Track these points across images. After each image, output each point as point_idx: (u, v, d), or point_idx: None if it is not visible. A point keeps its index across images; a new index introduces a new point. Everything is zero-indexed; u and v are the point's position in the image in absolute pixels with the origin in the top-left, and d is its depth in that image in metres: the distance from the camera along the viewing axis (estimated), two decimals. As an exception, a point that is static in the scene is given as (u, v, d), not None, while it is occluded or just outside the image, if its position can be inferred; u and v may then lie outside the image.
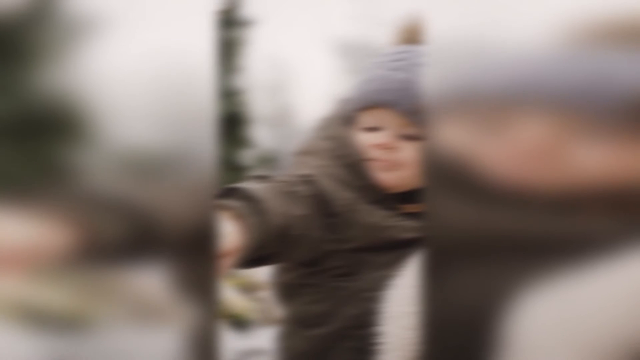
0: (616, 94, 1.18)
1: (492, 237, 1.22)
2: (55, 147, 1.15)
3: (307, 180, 1.71)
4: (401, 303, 1.57)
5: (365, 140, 1.73)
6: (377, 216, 1.73)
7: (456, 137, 1.28)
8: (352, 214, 1.72)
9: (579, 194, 1.19)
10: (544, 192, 1.20)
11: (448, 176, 1.26)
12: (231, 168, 9.89)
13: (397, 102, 1.71)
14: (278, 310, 1.75)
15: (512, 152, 1.23)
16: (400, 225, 1.74)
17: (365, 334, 1.65)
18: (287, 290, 1.78)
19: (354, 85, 1.79)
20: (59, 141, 1.15)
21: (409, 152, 1.72)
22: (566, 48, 1.20)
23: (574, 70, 1.22)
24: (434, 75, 1.27)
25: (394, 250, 1.71)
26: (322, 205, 1.70)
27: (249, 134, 10.77)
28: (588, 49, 1.21)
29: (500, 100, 1.27)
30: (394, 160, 1.72)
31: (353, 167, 1.75)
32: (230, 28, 10.22)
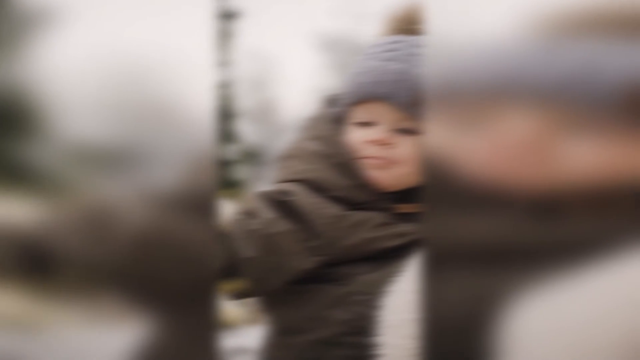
0: (603, 87, 1.16)
1: (482, 241, 1.20)
2: (7, 142, 1.12)
3: (289, 191, 1.66)
4: (400, 310, 1.52)
5: (358, 137, 1.68)
6: (370, 218, 1.68)
7: (442, 134, 1.25)
8: (340, 220, 1.67)
9: (566, 191, 1.17)
10: (530, 191, 1.18)
11: (446, 179, 1.23)
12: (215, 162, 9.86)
13: (392, 94, 1.66)
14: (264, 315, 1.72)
15: (496, 148, 1.21)
16: (394, 227, 1.69)
17: (358, 342, 1.60)
18: (271, 297, 1.73)
19: (346, 79, 1.74)
20: (11, 135, 1.12)
21: (405, 148, 1.66)
22: (550, 39, 1.17)
23: (559, 62, 1.19)
24: (429, 69, 1.24)
25: (388, 254, 1.66)
26: (305, 216, 1.65)
27: (233, 128, 10.75)
28: (573, 40, 1.18)
29: (483, 94, 1.25)
30: (390, 157, 1.66)
31: (343, 166, 1.70)
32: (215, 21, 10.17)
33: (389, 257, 1.64)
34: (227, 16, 10.57)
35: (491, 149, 1.20)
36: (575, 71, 1.18)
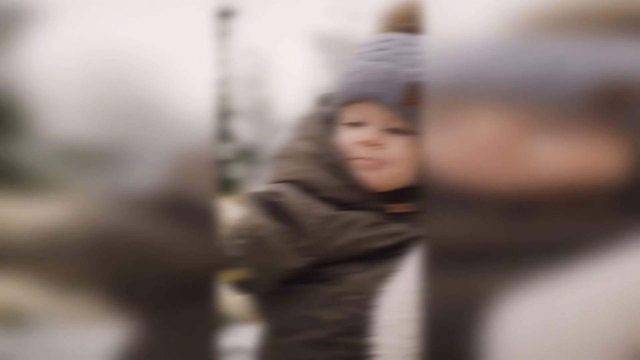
0: (570, 85, 1.15)
1: (463, 242, 1.19)
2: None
3: (279, 192, 1.65)
4: (395, 310, 1.50)
5: (349, 138, 1.67)
6: (361, 219, 1.67)
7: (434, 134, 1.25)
8: (331, 220, 1.67)
9: (538, 191, 1.16)
10: (503, 191, 1.17)
11: (433, 179, 1.22)
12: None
13: (381, 94, 1.66)
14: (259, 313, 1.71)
15: (468, 149, 1.20)
16: (386, 227, 1.68)
17: (352, 342, 1.59)
18: (263, 297, 1.72)
19: (336, 79, 1.73)
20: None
21: (396, 149, 1.66)
22: (516, 38, 1.16)
23: (526, 61, 1.18)
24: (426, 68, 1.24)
25: (380, 253, 1.66)
26: (295, 217, 1.64)
27: (229, 127, 10.74)
28: (539, 39, 1.17)
29: (451, 94, 1.24)
30: (380, 158, 1.66)
31: (334, 167, 1.69)
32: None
33: (381, 256, 1.64)
34: (223, 15, 10.56)
35: (464, 149, 1.20)
36: (542, 70, 1.17)
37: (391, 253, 1.62)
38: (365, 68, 1.69)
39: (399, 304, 1.50)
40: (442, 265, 1.18)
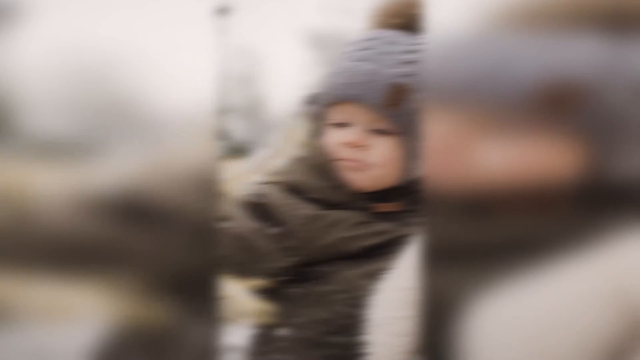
0: (519, 86, 1.14)
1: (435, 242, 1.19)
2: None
3: (264, 193, 1.65)
4: (388, 308, 1.50)
5: (335, 138, 1.67)
6: (346, 218, 1.67)
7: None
8: (315, 220, 1.66)
9: (494, 190, 1.16)
10: (462, 191, 1.17)
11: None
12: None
13: (364, 95, 1.65)
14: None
15: (428, 150, 1.19)
16: (372, 226, 1.68)
17: (342, 341, 1.59)
18: (257, 297, 1.72)
19: (321, 80, 1.73)
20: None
21: (380, 150, 1.66)
22: (468, 36, 1.16)
23: (477, 61, 1.18)
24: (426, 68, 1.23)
25: (367, 252, 1.65)
26: (280, 217, 1.64)
27: (221, 124, 10.73)
28: (488, 38, 1.16)
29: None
30: (365, 160, 1.66)
31: (320, 168, 1.69)
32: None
33: (368, 255, 1.64)
34: (217, 12, 10.55)
35: (426, 150, 1.20)
36: (490, 70, 1.16)
37: (378, 252, 1.62)
38: (349, 69, 1.68)
39: (390, 301, 1.50)
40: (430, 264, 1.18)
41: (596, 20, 1.13)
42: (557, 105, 1.14)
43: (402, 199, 1.65)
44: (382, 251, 1.62)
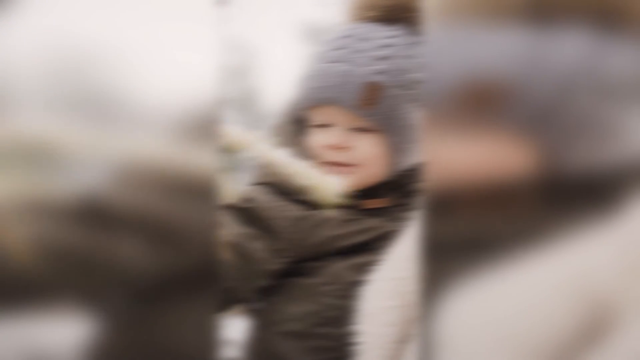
0: (442, 84, 1.14)
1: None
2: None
3: (251, 197, 1.65)
4: (377, 298, 1.51)
5: (318, 140, 1.67)
6: (333, 217, 1.67)
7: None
8: (303, 220, 1.66)
9: (453, 191, 1.17)
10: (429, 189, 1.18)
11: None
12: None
13: (339, 98, 1.65)
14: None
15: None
16: (360, 223, 1.68)
17: (331, 333, 1.60)
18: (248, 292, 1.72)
19: (299, 82, 1.73)
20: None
21: (364, 149, 1.66)
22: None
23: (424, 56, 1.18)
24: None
25: (356, 248, 1.66)
26: (268, 220, 1.64)
27: (219, 117, 10.70)
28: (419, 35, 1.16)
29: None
30: (349, 162, 1.66)
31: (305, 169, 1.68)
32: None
33: (357, 250, 1.64)
34: (215, 4, 10.52)
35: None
36: (424, 66, 1.16)
37: (367, 247, 1.63)
38: (323, 71, 1.68)
39: (380, 292, 1.51)
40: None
41: (520, 13, 1.12)
42: (485, 101, 1.14)
43: (390, 194, 1.65)
44: (371, 246, 1.62)
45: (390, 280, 1.53)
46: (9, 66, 1.09)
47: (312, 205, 1.67)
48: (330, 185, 1.59)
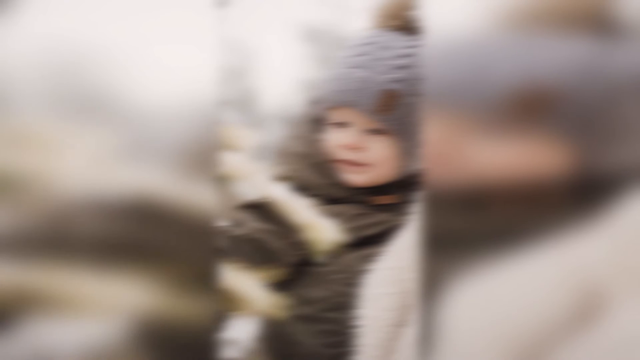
0: (498, 89, 1.18)
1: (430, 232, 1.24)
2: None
3: (266, 191, 1.67)
4: (380, 285, 1.59)
5: (334, 139, 1.73)
6: (345, 211, 1.72)
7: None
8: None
9: (483, 190, 1.21)
10: (454, 185, 1.21)
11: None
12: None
13: (357, 101, 1.71)
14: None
15: (425, 148, 1.23)
16: (370, 218, 1.73)
17: (338, 317, 1.66)
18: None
19: (320, 83, 1.79)
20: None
21: (377, 150, 1.72)
22: (457, 37, 1.18)
23: (464, 63, 1.21)
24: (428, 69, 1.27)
25: (365, 241, 1.70)
26: (282, 215, 1.66)
27: (219, 117, 10.72)
28: (476, 38, 1.18)
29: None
30: (363, 161, 1.72)
31: (321, 166, 1.73)
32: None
33: (366, 242, 1.69)
34: (216, 4, 10.55)
35: (424, 148, 1.25)
36: (472, 73, 1.19)
37: (376, 239, 1.68)
38: (344, 75, 1.75)
39: (381, 280, 1.57)
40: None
41: (578, 22, 1.15)
42: (537, 106, 1.17)
43: (399, 192, 1.70)
44: (380, 238, 1.69)
45: (391, 269, 1.61)
46: (6, 68, 1.09)
47: (304, 244, 1.70)
48: (325, 230, 1.62)
